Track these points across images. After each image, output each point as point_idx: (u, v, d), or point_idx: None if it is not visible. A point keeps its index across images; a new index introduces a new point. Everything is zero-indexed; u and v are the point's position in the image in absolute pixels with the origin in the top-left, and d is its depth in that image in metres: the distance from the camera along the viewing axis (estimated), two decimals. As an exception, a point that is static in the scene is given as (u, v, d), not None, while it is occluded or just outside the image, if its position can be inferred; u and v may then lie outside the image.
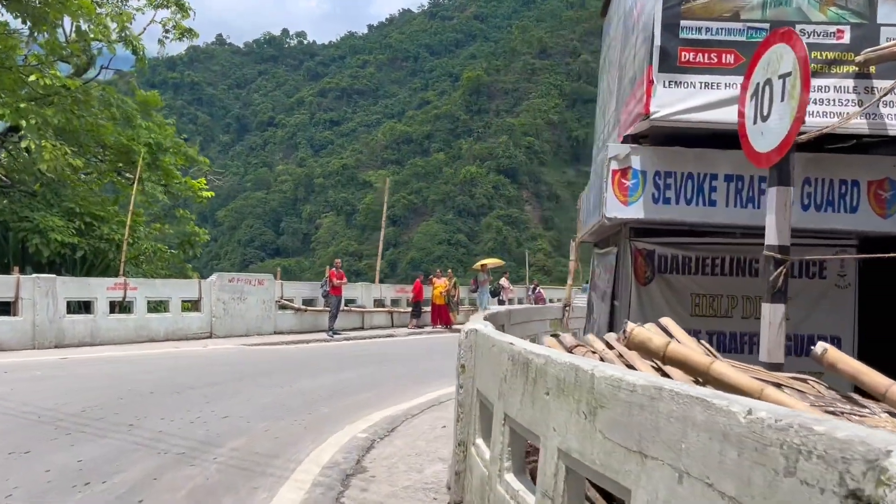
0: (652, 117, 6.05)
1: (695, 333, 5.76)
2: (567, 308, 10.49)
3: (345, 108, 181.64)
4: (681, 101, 6.02)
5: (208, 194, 23.62)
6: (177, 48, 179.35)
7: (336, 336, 17.87)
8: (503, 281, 23.78)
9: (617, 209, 6.49)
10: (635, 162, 6.45)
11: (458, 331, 18.84)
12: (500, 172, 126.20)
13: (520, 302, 26.03)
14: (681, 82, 6.01)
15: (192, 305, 18.05)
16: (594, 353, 3.87)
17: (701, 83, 6.02)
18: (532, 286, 28.92)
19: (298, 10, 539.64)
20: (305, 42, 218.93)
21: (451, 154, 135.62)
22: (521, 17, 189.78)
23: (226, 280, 18.15)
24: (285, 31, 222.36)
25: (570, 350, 3.92)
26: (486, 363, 4.45)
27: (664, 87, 6.02)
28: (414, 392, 10.83)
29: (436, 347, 17.15)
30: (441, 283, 20.99)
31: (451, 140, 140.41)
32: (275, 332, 18.38)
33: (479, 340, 4.88)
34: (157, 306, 18.35)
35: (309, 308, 18.96)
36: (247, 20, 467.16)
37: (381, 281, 23.56)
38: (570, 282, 11.18)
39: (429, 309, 21.18)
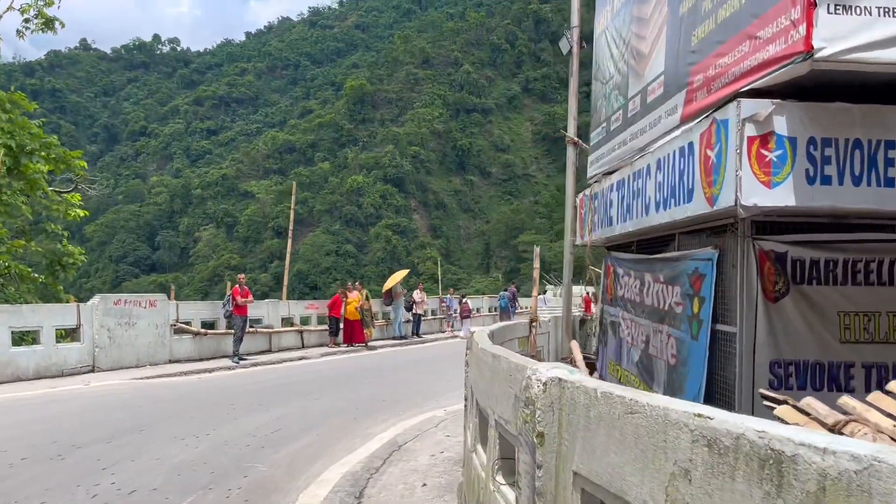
0: (816, 56, 4.14)
1: (846, 368, 4.60)
2: (534, 325, 9.18)
3: (223, 117, 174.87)
4: (854, 33, 4.19)
5: (81, 213, 20.68)
6: (34, 53, 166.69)
7: (242, 362, 15.73)
8: (416, 294, 22.43)
9: (757, 194, 4.50)
10: (779, 125, 4.53)
11: (374, 348, 17.01)
12: (388, 181, 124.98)
13: (432, 314, 24.89)
14: (852, 7, 4.20)
15: (68, 335, 15.47)
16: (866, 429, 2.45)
17: (881, 8, 4.23)
18: (459, 297, 27.69)
19: (167, 17, 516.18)
20: (179, 49, 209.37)
21: (336, 163, 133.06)
22: (403, 28, 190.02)
23: (110, 303, 15.60)
24: (156, 37, 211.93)
25: (836, 430, 2.56)
26: (607, 439, 3.09)
27: (828, 12, 4.17)
28: (363, 432, 9.17)
29: (359, 370, 15.72)
30: (355, 298, 19.25)
31: (335, 149, 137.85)
32: (170, 361, 15.80)
33: (576, 398, 3.33)
34: (23, 337, 15.71)
35: (210, 331, 16.70)
36: (113, 25, 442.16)
37: (266, 295, 21.68)
38: (535, 293, 9.93)
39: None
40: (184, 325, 16.20)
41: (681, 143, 5.36)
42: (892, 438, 2.33)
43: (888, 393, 2.78)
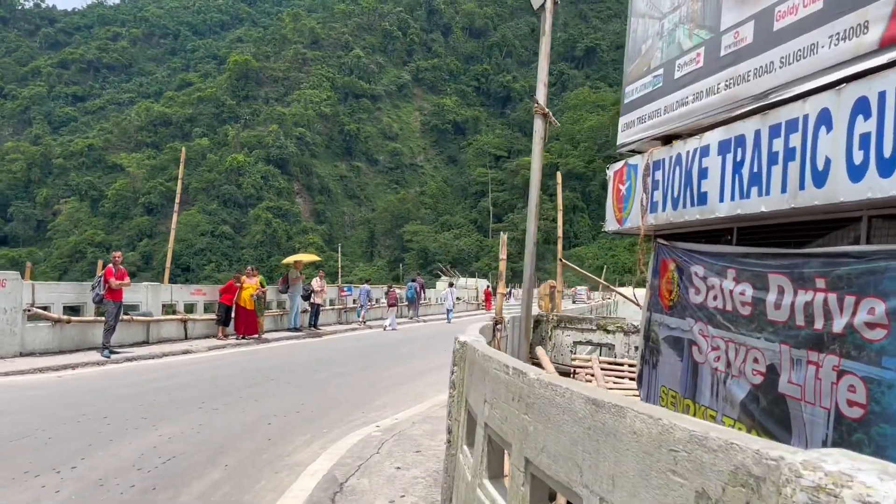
0: None
1: None
2: (499, 327, 7.92)
3: (91, 83, 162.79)
4: None
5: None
6: None
7: (114, 356, 13.62)
8: (315, 282, 20.81)
9: None
10: None
11: (267, 341, 15.39)
12: (270, 162, 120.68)
13: (331, 304, 23.32)
14: None
15: None
16: None
17: None
18: (388, 286, 26.49)
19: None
20: (43, 5, 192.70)
21: (215, 140, 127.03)
22: (292, 5, 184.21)
23: (-53, 280, 13.21)
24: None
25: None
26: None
27: None
28: (286, 462, 7.08)
29: (258, 368, 13.54)
30: (252, 284, 17.44)
31: (215, 125, 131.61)
32: (21, 354, 13.15)
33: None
34: None
35: (74, 318, 14.44)
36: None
37: (134, 275, 19.35)
38: (501, 289, 8.48)
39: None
40: (41, 311, 13.85)
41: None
42: None
43: None
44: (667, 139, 6.09)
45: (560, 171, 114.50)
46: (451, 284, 31.65)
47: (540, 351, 8.44)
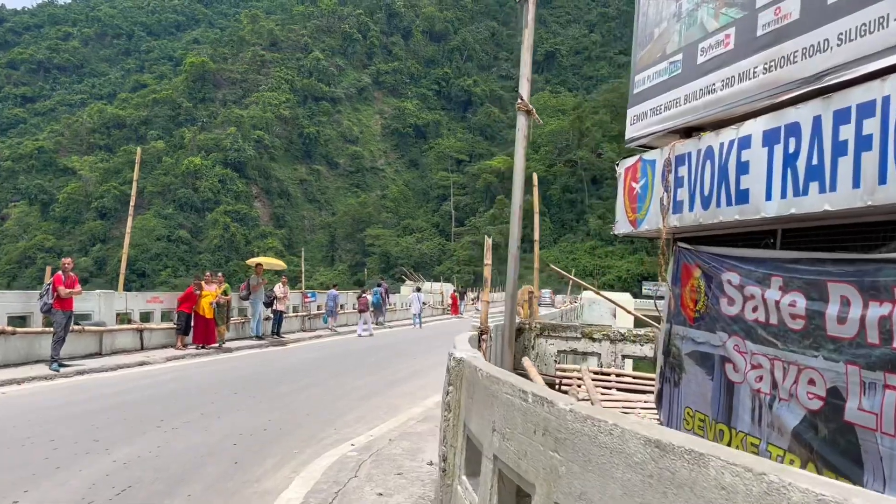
0: None
1: None
2: (484, 337, 7.25)
3: (42, 84, 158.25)
4: None
5: None
6: None
7: (64, 369, 12.68)
8: (278, 288, 19.95)
9: None
10: None
11: (229, 350, 14.49)
12: (228, 165, 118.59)
13: (294, 310, 22.32)
14: None
15: None
16: None
17: None
18: (359, 292, 25.71)
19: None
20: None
21: (171, 143, 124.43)
22: (250, 6, 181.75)
23: None
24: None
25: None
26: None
27: None
28: (255, 490, 6.31)
29: (220, 381, 12.43)
30: (211, 291, 16.53)
31: (171, 128, 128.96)
32: None
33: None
34: None
35: (20, 329, 13.45)
36: None
37: (86, 282, 18.18)
38: (486, 296, 7.87)
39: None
40: (-15, 320, 13.02)
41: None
42: None
43: None
44: (688, 131, 5.51)
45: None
46: (418, 289, 31.02)
47: (527, 362, 7.94)
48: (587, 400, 7.07)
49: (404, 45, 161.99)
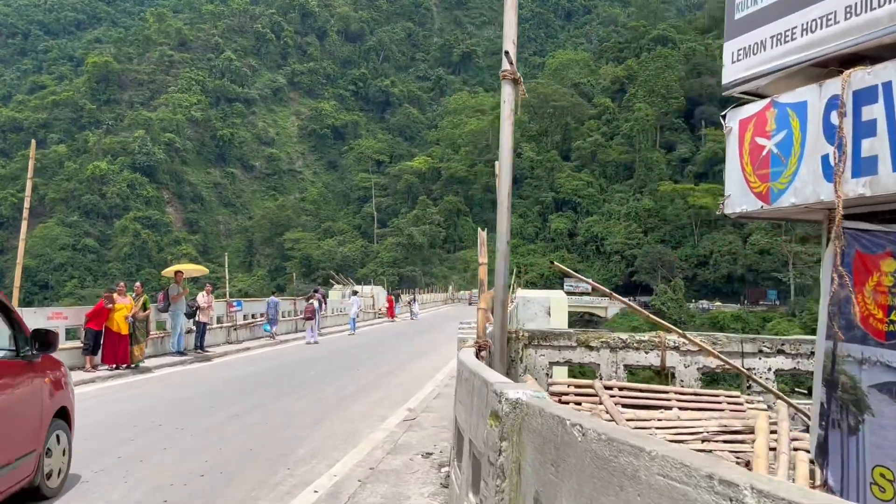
0: None
1: None
2: (483, 353, 5.73)
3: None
4: None
5: None
6: None
7: None
8: (201, 297, 17.89)
9: None
10: None
11: (147, 370, 12.48)
12: (137, 170, 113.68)
13: (219, 322, 20.44)
14: None
15: None
16: None
17: None
18: (305, 297, 24.34)
19: None
20: None
21: (74, 147, 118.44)
22: (155, 4, 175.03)
23: None
24: None
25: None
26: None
27: None
28: None
29: (135, 409, 10.44)
30: (125, 304, 14.67)
31: (74, 131, 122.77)
32: None
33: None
34: None
35: None
36: None
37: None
38: (484, 303, 6.40)
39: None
40: None
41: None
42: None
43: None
44: (843, 62, 4.06)
45: (442, 175, 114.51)
46: (354, 292, 29.79)
47: (530, 380, 7.07)
48: (612, 421, 6.17)
49: (319, 45, 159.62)
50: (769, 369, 6.98)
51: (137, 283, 15.78)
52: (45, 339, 5.74)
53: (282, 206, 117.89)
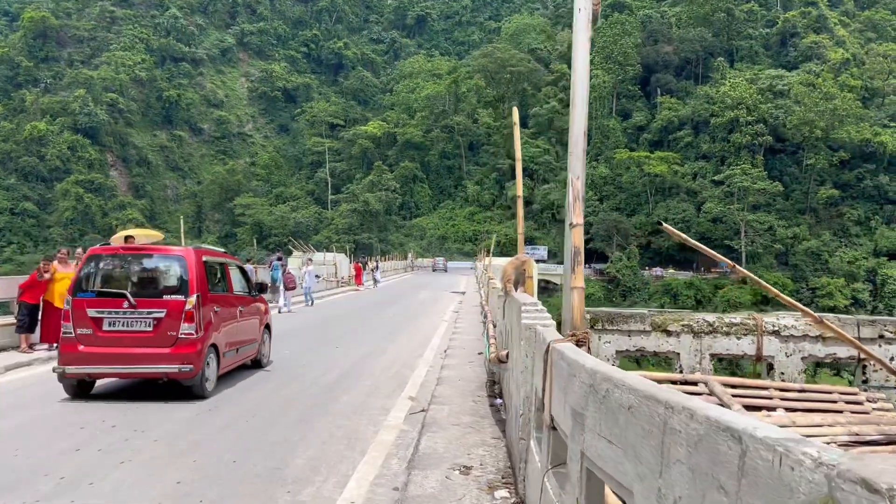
0: None
1: None
2: (584, 348, 4.47)
3: None
4: None
5: None
6: None
7: None
8: None
9: None
10: None
11: None
12: (78, 131, 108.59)
13: None
14: None
15: None
16: None
17: None
18: (281, 268, 22.64)
19: None
20: None
21: (10, 106, 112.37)
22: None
23: None
24: None
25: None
26: None
27: None
28: None
29: (82, 405, 8.45)
30: (67, 274, 12.55)
31: (9, 90, 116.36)
32: None
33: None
34: None
35: None
36: None
37: None
38: (577, 280, 5.28)
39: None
40: None
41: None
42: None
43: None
44: None
45: (398, 140, 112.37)
46: (309, 261, 27.36)
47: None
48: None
49: (270, 4, 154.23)
50: (892, 358, 5.91)
51: (79, 250, 13.86)
52: (260, 287, 11.71)
53: (232, 170, 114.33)
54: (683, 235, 5.59)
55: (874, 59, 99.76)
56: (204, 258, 9.36)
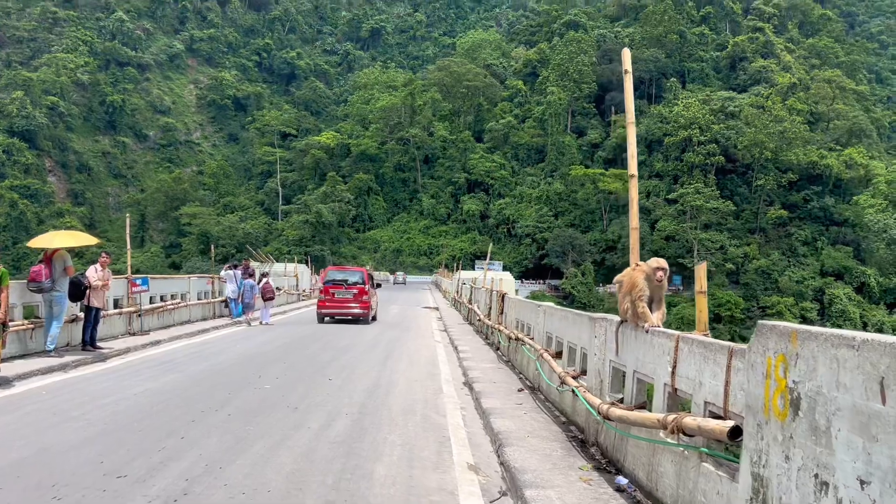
0: None
1: None
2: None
3: None
4: None
5: None
6: None
7: None
8: (92, 272, 12.98)
9: None
10: None
11: (7, 382, 7.22)
12: (14, 134, 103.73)
13: (117, 306, 15.53)
14: None
15: None
16: None
17: None
18: (259, 277, 22.08)
19: None
20: None
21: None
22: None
23: None
24: None
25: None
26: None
27: None
28: None
29: None
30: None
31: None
32: None
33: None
34: None
35: None
36: None
37: None
38: (701, 284, 4.53)
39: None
40: None
41: None
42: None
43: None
44: None
45: (352, 152, 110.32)
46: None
47: None
48: None
49: (221, 11, 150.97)
50: None
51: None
52: (373, 284, 24.49)
53: (178, 178, 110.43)
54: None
55: (819, 85, 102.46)
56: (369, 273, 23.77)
